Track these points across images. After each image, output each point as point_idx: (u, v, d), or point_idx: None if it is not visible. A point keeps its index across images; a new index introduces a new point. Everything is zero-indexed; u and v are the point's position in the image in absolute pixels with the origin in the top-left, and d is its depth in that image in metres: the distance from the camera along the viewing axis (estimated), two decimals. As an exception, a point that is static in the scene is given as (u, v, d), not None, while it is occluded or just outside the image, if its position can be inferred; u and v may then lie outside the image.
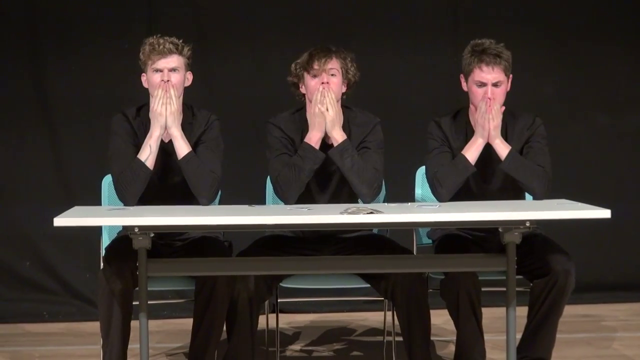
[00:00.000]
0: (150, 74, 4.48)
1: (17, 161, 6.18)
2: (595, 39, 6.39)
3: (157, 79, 4.45)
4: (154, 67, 4.46)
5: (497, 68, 4.52)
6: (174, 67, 4.47)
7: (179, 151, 4.45)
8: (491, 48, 4.53)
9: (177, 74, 4.48)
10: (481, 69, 4.52)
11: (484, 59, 4.52)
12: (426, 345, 4.48)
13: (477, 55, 4.53)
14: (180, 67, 4.49)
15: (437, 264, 4.47)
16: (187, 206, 4.44)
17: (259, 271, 4.37)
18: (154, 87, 4.46)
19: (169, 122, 4.44)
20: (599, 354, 5.22)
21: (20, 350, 5.44)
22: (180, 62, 4.49)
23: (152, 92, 4.48)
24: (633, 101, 6.47)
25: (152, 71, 4.47)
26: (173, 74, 4.47)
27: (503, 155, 4.54)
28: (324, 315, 6.15)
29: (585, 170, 6.39)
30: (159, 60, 4.45)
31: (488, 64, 4.52)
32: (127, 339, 4.36)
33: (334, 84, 4.53)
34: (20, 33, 6.15)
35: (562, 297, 4.42)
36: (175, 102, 4.43)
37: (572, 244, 4.67)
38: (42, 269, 6.21)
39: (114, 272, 4.25)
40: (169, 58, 4.46)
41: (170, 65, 4.46)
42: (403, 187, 5.09)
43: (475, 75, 4.53)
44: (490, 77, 4.52)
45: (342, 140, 4.52)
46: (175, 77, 4.47)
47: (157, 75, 4.46)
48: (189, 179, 4.45)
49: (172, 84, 4.44)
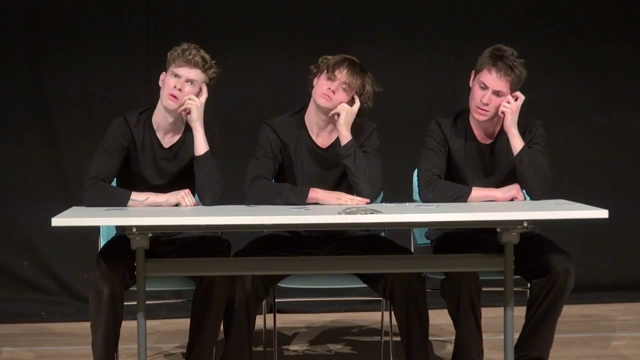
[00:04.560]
0: (169, 75, 4.49)
1: (16, 161, 6.18)
2: (591, 40, 6.40)
3: (171, 83, 4.46)
4: (174, 71, 4.47)
5: (505, 78, 4.51)
6: (191, 79, 4.48)
7: (199, 147, 4.47)
8: (509, 58, 4.52)
9: (191, 86, 4.48)
10: (490, 72, 4.52)
11: (497, 64, 4.51)
12: (424, 345, 4.49)
13: (493, 59, 4.52)
14: (198, 81, 4.49)
15: (435, 264, 4.48)
16: (185, 207, 4.44)
17: (257, 271, 4.37)
18: (166, 89, 4.47)
19: (194, 116, 4.46)
20: (597, 354, 5.22)
21: (18, 350, 5.44)
22: (199, 78, 4.49)
23: (162, 93, 4.48)
24: (630, 102, 6.48)
25: (171, 74, 4.48)
26: (187, 85, 4.47)
27: (518, 147, 4.53)
28: (322, 315, 6.15)
29: (583, 170, 6.40)
30: (181, 68, 4.46)
31: (499, 70, 4.51)
32: (114, 341, 4.35)
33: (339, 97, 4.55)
34: (19, 33, 6.15)
35: (562, 296, 4.42)
36: (199, 98, 4.46)
37: (570, 244, 4.67)
38: (40, 269, 6.22)
39: (104, 274, 4.24)
40: (191, 70, 4.47)
41: (189, 76, 4.47)
42: (400, 187, 5.10)
43: (482, 76, 4.53)
44: (495, 83, 4.52)
45: (350, 139, 4.54)
46: (188, 89, 4.47)
47: (173, 80, 4.47)
48: (201, 178, 4.47)
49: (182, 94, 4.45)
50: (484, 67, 4.53)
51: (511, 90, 4.53)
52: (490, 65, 4.52)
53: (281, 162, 4.64)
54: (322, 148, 4.64)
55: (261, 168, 4.56)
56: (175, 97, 4.45)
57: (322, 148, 4.64)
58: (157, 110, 4.55)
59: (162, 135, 4.56)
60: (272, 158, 4.60)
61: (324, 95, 4.54)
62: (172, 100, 4.46)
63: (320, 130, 4.64)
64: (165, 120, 4.53)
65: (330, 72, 4.55)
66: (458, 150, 4.63)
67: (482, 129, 4.63)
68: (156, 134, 4.55)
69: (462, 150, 4.63)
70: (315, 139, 4.64)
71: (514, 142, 4.54)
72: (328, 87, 4.53)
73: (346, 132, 4.55)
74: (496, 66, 4.51)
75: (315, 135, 4.64)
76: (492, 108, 4.53)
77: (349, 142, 4.54)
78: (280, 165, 4.65)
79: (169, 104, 4.47)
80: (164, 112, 4.51)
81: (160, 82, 4.52)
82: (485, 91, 4.52)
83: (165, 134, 4.56)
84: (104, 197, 4.39)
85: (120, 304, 4.30)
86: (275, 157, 4.61)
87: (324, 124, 4.63)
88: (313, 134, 4.64)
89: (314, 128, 4.64)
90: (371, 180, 4.52)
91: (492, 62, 4.52)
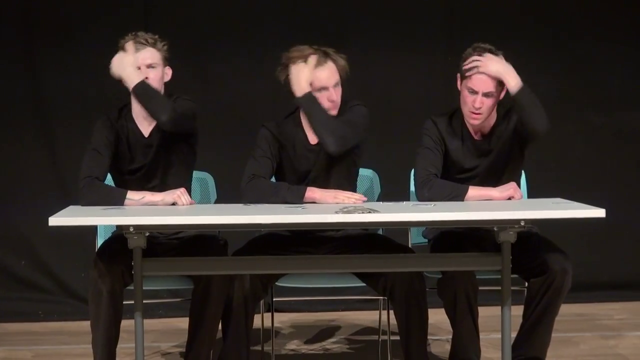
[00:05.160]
0: None
1: (13, 160, 6.19)
2: (589, 39, 6.40)
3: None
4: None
5: (491, 77, 4.50)
6: (150, 64, 4.50)
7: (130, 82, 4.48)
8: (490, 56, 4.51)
9: (154, 70, 4.51)
10: (476, 77, 4.51)
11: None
12: (423, 344, 4.49)
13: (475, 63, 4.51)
14: (158, 62, 4.52)
15: (432, 263, 4.48)
16: (182, 206, 4.44)
17: (255, 270, 4.37)
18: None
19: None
20: (594, 353, 5.23)
21: (15, 349, 5.44)
22: (156, 57, 4.52)
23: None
24: (628, 100, 6.48)
25: None
26: (150, 71, 4.50)
27: (517, 85, 4.46)
28: (320, 314, 6.16)
29: (580, 169, 6.41)
30: (138, 52, 4.49)
31: (483, 73, 4.50)
32: (115, 339, 4.35)
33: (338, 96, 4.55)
34: (16, 32, 6.15)
35: (559, 296, 4.42)
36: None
37: (567, 243, 4.67)
38: (38, 268, 6.22)
39: (103, 273, 4.24)
40: (144, 53, 4.49)
41: (147, 62, 4.49)
42: (397, 186, 5.10)
43: (469, 82, 4.52)
44: (483, 86, 4.50)
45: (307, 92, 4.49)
46: (153, 73, 4.50)
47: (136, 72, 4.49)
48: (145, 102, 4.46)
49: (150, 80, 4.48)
50: (469, 74, 4.52)
51: (500, 85, 4.52)
52: (472, 70, 4.50)
53: (280, 162, 4.64)
54: (314, 145, 4.61)
55: (259, 167, 4.56)
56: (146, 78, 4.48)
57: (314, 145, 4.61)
58: (132, 102, 4.58)
59: (142, 124, 4.58)
60: (270, 158, 4.60)
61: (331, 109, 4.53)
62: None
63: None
64: (139, 108, 4.55)
65: (323, 89, 4.52)
66: (455, 149, 4.63)
67: (477, 125, 4.62)
68: (136, 124, 4.57)
69: (459, 148, 4.63)
70: (311, 137, 4.63)
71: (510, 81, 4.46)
72: (328, 99, 4.52)
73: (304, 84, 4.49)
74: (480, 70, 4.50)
75: (311, 134, 4.63)
76: (485, 110, 4.52)
77: (306, 93, 4.50)
78: (278, 164, 4.64)
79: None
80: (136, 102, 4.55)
81: (125, 83, 4.54)
82: (475, 96, 4.51)
83: (143, 122, 4.58)
84: (100, 196, 4.40)
85: (120, 302, 4.30)
86: (273, 157, 4.61)
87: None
88: (309, 133, 4.63)
89: (309, 127, 4.63)
90: (330, 129, 4.46)
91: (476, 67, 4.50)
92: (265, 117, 4.72)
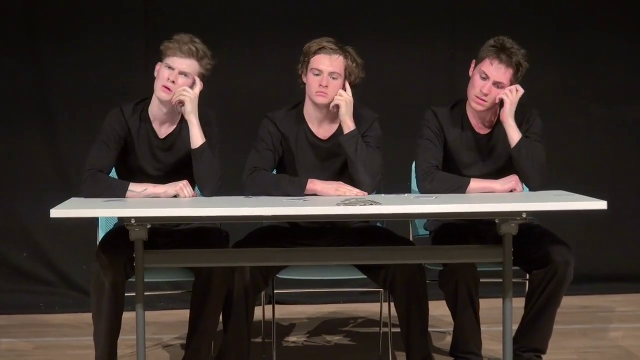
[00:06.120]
0: (163, 67, 4.47)
1: (15, 153, 6.19)
2: (592, 32, 6.39)
3: (165, 75, 4.45)
4: (168, 62, 4.46)
5: (506, 70, 4.49)
6: (184, 71, 4.45)
7: (195, 140, 4.46)
8: (512, 50, 4.49)
9: (185, 78, 4.46)
10: (492, 63, 4.50)
11: (500, 55, 4.49)
12: (424, 336, 4.49)
13: (496, 50, 4.50)
14: (192, 73, 4.47)
15: (433, 255, 4.48)
16: (184, 199, 4.44)
17: (256, 262, 4.37)
18: (159, 80, 4.45)
19: (188, 108, 4.45)
20: (596, 345, 5.23)
21: (17, 341, 5.44)
22: (193, 69, 4.47)
23: (156, 85, 4.47)
24: (630, 93, 6.47)
25: (165, 66, 4.47)
26: (181, 78, 4.45)
27: (515, 138, 4.51)
28: (321, 306, 6.16)
29: (582, 161, 6.40)
30: (174, 58, 4.45)
31: (501, 62, 4.49)
32: (117, 331, 4.35)
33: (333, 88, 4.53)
34: (18, 26, 6.15)
35: (561, 288, 4.43)
36: (193, 90, 4.45)
37: (569, 235, 4.67)
38: (40, 261, 6.22)
39: (105, 265, 4.25)
40: (184, 60, 4.45)
41: (182, 68, 4.45)
42: (399, 178, 5.09)
43: (484, 66, 4.52)
44: (496, 74, 4.50)
45: (354, 129, 4.53)
46: (182, 81, 4.46)
47: (167, 72, 4.45)
48: (199, 170, 4.46)
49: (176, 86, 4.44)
50: (486, 58, 4.52)
51: (512, 82, 4.53)
52: (492, 57, 4.50)
53: (282, 155, 4.64)
54: (323, 140, 4.62)
55: (261, 160, 4.56)
56: (168, 89, 4.44)
57: (324, 140, 4.62)
58: (153, 101, 4.54)
59: (158, 126, 4.55)
60: (272, 151, 4.59)
61: (319, 94, 4.53)
62: (164, 92, 4.45)
63: (321, 122, 4.63)
64: (161, 111, 4.53)
65: (315, 68, 4.53)
66: (455, 140, 4.62)
67: (479, 118, 4.63)
68: (152, 124, 4.54)
69: (459, 140, 4.63)
70: (317, 131, 4.63)
71: (511, 134, 4.53)
72: (319, 84, 4.51)
73: (350, 122, 4.53)
74: (499, 58, 4.50)
75: (316, 128, 4.63)
76: (491, 99, 4.52)
77: (352, 131, 4.53)
78: (281, 157, 4.64)
79: (162, 96, 4.46)
80: (159, 103, 4.51)
81: (156, 73, 4.51)
82: (486, 82, 4.52)
83: (161, 124, 4.56)
84: (103, 189, 4.39)
85: (122, 295, 4.31)
86: (275, 150, 4.60)
87: (323, 117, 4.62)
88: (314, 126, 4.63)
89: (314, 121, 4.63)
90: (371, 171, 4.51)
91: (495, 53, 4.50)
92: (267, 110, 4.71)
